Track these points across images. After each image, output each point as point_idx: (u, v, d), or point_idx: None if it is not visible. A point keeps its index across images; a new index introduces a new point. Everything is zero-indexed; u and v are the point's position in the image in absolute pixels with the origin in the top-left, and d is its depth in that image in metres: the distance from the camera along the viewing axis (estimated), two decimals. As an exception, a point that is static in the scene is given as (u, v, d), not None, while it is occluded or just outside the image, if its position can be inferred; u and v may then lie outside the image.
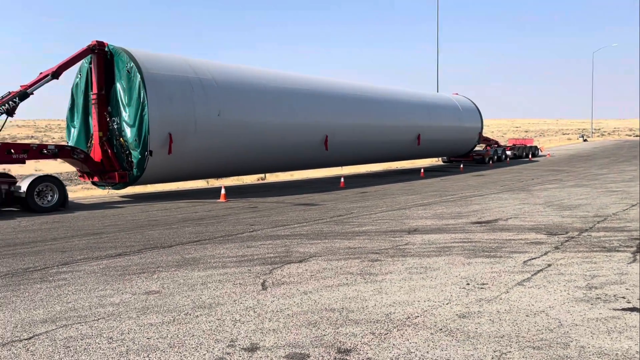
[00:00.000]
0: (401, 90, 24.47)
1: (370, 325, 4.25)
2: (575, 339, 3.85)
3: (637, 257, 6.48)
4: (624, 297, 4.85)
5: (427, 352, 3.68)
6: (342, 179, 18.77)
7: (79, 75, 14.80)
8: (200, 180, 20.39)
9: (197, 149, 14.60)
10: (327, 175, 23.89)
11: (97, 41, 14.00)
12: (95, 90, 14.11)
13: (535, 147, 37.96)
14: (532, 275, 5.73)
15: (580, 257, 6.53)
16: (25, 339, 4.04)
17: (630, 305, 4.60)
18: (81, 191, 18.31)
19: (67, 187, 13.04)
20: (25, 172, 17.21)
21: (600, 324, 4.15)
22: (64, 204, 12.42)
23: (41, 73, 13.31)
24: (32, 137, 72.51)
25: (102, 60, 14.15)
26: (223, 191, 14.33)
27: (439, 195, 14.65)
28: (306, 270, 6.16)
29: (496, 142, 33.51)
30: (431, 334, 4.03)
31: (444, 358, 3.57)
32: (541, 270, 5.94)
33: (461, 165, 26.86)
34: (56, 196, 12.21)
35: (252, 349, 3.79)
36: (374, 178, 22.11)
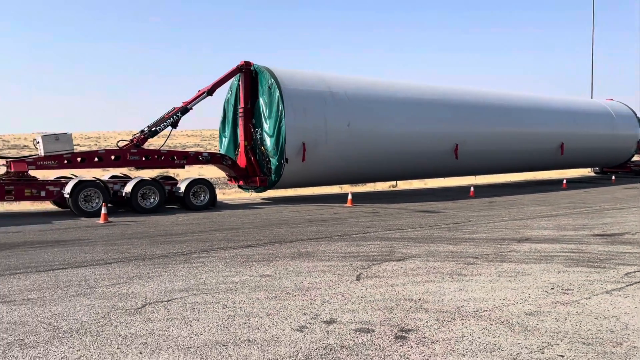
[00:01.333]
0: (540, 96, 23.37)
1: (438, 314, 4.76)
2: (632, 340, 3.98)
3: None
4: None
5: (479, 337, 4.12)
6: (472, 188, 18.65)
7: (230, 92, 16.91)
8: (334, 187, 21.69)
9: (328, 157, 15.78)
10: (460, 184, 23.72)
11: (244, 61, 15.92)
12: (242, 104, 16.03)
13: None
14: (626, 285, 5.67)
15: (694, 273, 6.20)
16: (165, 301, 5.28)
17: None
18: (235, 194, 20.61)
19: (224, 190, 15.07)
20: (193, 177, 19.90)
21: (668, 331, 4.18)
22: (213, 204, 14.39)
23: (199, 90, 15.54)
24: (198, 145, 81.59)
25: (249, 77, 16.03)
26: (350, 196, 15.30)
27: (572, 207, 13.99)
28: (401, 267, 6.76)
29: (662, 152, 30.04)
30: (490, 325, 4.43)
31: (492, 343, 3.99)
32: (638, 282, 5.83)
33: (613, 177, 24.71)
34: (207, 197, 14.21)
35: (330, 322, 4.56)
36: (509, 188, 21.47)
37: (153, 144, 17.69)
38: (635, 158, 28.59)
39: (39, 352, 3.89)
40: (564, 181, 22.20)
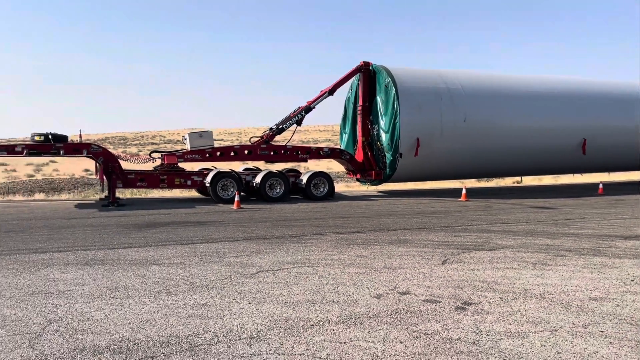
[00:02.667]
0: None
1: (504, 293, 5.30)
2: (681, 326, 4.23)
3: None
4: None
5: (532, 313, 4.64)
6: (601, 185, 17.73)
7: (350, 91, 18.00)
8: (455, 181, 21.80)
9: (442, 152, 16.17)
10: (593, 181, 22.41)
11: (364, 62, 16.90)
12: (361, 102, 17.04)
13: None
14: None
15: None
16: (275, 270, 6.45)
17: None
18: (357, 186, 21.72)
19: (348, 183, 16.27)
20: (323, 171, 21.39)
21: None
22: (332, 194, 15.62)
23: (321, 91, 16.84)
24: (329, 140, 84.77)
25: (367, 77, 16.98)
26: (464, 191, 15.57)
27: None
28: (489, 256, 7.24)
29: None
30: (549, 304, 4.89)
31: (541, 318, 4.49)
32: None
33: None
34: (326, 188, 15.48)
35: (405, 293, 5.35)
36: (648, 186, 19.89)
37: (288, 138, 19.40)
38: None
39: (179, 298, 5.22)
40: None
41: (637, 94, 19.48)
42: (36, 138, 13.36)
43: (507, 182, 24.00)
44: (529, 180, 25.17)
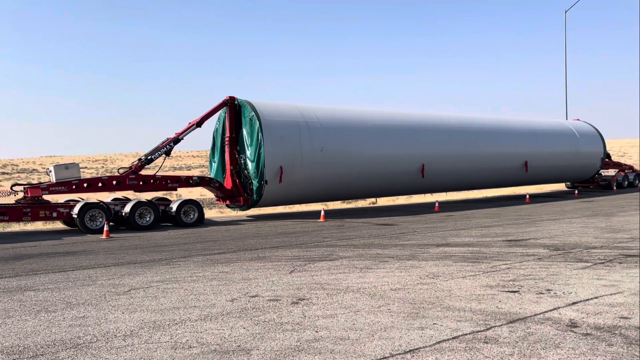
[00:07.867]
0: (504, 118, 25.61)
1: (331, 290, 6.86)
2: (445, 302, 6.08)
3: (590, 266, 8.05)
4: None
5: (346, 302, 6.21)
6: (437, 204, 20.77)
7: (218, 122, 19.21)
8: (319, 204, 23.81)
9: (304, 178, 17.97)
10: (442, 199, 25.81)
11: (229, 97, 18.25)
12: (228, 134, 18.32)
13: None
14: (482, 273, 7.76)
15: (539, 266, 8.29)
16: (145, 287, 7.40)
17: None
18: (230, 212, 22.70)
19: (222, 210, 17.16)
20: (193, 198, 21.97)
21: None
22: (202, 221, 16.57)
23: (190, 123, 17.85)
24: (202, 165, 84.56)
25: (233, 110, 18.35)
26: (322, 212, 17.45)
27: (514, 219, 16.05)
28: (328, 265, 8.86)
29: (630, 167, 32.09)
30: (360, 295, 6.52)
31: (351, 304, 6.08)
32: (495, 271, 7.92)
33: (576, 192, 26.75)
34: (196, 214, 16.41)
35: (254, 296, 6.67)
36: (476, 203, 23.52)
37: (158, 166, 19.85)
38: (608, 173, 30.67)
39: (58, 314, 6.01)
40: (527, 196, 24.27)
41: (473, 124, 23.15)
42: None
43: (365, 203, 26.66)
44: (384, 201, 28.13)
